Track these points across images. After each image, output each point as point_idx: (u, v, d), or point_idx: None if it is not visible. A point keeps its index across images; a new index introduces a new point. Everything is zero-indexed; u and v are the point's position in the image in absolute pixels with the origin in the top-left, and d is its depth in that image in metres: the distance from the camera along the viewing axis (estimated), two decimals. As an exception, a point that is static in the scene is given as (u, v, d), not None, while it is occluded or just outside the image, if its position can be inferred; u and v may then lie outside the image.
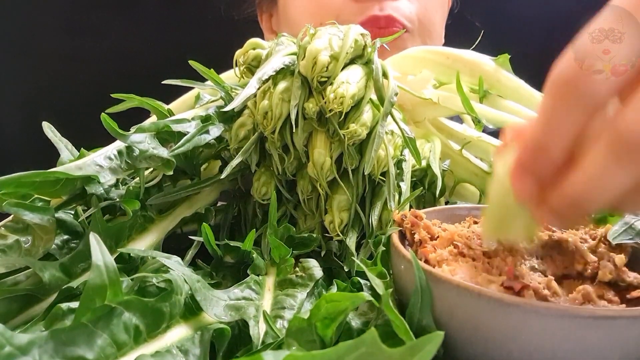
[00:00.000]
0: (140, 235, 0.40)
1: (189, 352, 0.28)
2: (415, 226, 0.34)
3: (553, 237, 0.33)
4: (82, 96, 0.95)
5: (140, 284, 0.31)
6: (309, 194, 0.43)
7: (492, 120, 0.47)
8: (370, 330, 0.20)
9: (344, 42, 0.41)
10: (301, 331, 0.27)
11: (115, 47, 1.11)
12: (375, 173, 0.42)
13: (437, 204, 0.47)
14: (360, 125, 0.40)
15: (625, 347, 0.25)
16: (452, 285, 0.27)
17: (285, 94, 0.40)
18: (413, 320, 0.28)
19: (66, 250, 0.38)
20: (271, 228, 0.39)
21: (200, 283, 0.31)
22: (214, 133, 0.41)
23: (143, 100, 0.43)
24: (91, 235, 0.26)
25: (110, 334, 0.25)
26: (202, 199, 0.45)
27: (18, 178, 0.33)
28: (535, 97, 0.52)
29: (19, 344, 0.22)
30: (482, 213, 0.33)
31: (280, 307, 0.33)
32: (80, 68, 1.11)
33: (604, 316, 0.25)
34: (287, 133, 0.41)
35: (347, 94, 0.39)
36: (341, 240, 0.42)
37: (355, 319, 0.30)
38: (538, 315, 0.25)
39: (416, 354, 0.19)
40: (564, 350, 0.25)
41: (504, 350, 0.26)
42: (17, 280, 0.34)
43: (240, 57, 0.47)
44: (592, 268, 0.31)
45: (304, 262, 0.38)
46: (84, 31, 1.12)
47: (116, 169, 0.38)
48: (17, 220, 0.36)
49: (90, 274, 0.25)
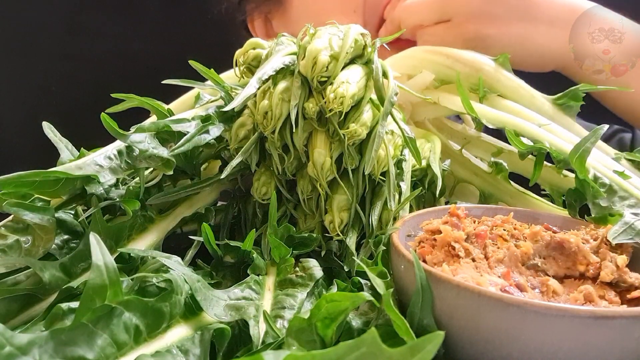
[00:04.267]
0: (140, 235, 0.40)
1: (189, 352, 0.28)
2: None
3: (555, 238, 0.33)
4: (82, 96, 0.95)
5: (140, 284, 0.31)
6: (309, 194, 0.43)
7: (492, 120, 0.47)
8: (371, 330, 0.20)
9: (344, 41, 0.41)
10: (301, 331, 0.27)
11: (115, 47, 1.11)
12: (375, 173, 0.42)
13: (437, 203, 0.47)
14: (360, 125, 0.40)
15: (625, 347, 0.25)
16: (452, 285, 0.27)
17: (285, 94, 0.40)
18: (414, 320, 0.28)
19: (66, 250, 0.38)
20: (271, 228, 0.39)
21: (201, 283, 0.30)
22: (214, 133, 0.41)
23: (143, 100, 0.43)
24: (91, 235, 0.26)
25: (111, 334, 0.25)
26: (202, 199, 0.45)
27: (18, 178, 0.33)
28: (535, 97, 0.52)
29: (19, 344, 0.22)
30: None
31: (280, 307, 0.33)
32: (80, 68, 1.11)
33: (604, 316, 0.25)
34: (287, 133, 0.41)
35: (347, 93, 0.39)
36: (341, 240, 0.42)
37: (356, 319, 0.30)
38: (538, 315, 0.25)
39: (417, 354, 0.19)
40: (564, 350, 0.25)
41: (504, 350, 0.26)
42: (17, 280, 0.34)
43: (240, 57, 0.47)
44: (594, 268, 0.31)
45: (304, 262, 0.38)
46: (84, 31, 1.12)
47: (116, 169, 0.38)
48: (17, 220, 0.36)
49: (90, 274, 0.25)
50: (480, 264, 0.32)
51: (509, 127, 0.46)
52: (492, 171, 0.50)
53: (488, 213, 0.38)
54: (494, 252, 0.32)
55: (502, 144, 0.51)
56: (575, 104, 0.51)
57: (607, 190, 0.40)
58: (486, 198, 0.49)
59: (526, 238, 0.34)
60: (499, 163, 0.49)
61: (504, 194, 0.49)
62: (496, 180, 0.49)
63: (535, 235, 0.34)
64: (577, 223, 0.38)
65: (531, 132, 0.45)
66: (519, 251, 0.32)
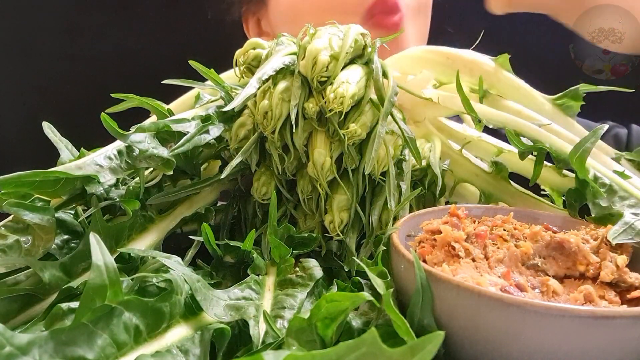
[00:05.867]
0: (140, 235, 0.40)
1: (189, 352, 0.28)
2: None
3: (555, 238, 0.33)
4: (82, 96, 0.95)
5: (140, 284, 0.31)
6: (309, 194, 0.43)
7: (492, 120, 0.47)
8: (371, 330, 0.20)
9: (344, 41, 0.41)
10: (301, 331, 0.27)
11: (115, 47, 1.11)
12: (375, 173, 0.42)
13: (437, 204, 0.47)
14: (360, 125, 0.40)
15: (625, 347, 0.25)
16: (452, 285, 0.27)
17: (285, 94, 0.40)
18: (414, 320, 0.28)
19: (66, 250, 0.38)
20: (271, 228, 0.39)
21: (201, 283, 0.30)
22: (214, 133, 0.41)
23: (143, 100, 0.43)
24: (91, 235, 0.26)
25: (111, 334, 0.25)
26: (202, 199, 0.45)
27: (18, 178, 0.33)
28: (535, 97, 0.52)
29: (19, 344, 0.22)
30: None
31: (280, 307, 0.33)
32: (80, 68, 1.11)
33: (604, 316, 0.25)
34: (287, 133, 0.41)
35: (347, 93, 0.39)
36: (341, 240, 0.42)
37: (356, 319, 0.30)
38: (538, 315, 0.25)
39: (417, 354, 0.19)
40: (564, 350, 0.25)
41: (504, 350, 0.26)
42: (17, 280, 0.34)
43: (240, 57, 0.47)
44: (594, 268, 0.31)
45: (304, 262, 0.38)
46: (84, 31, 1.12)
47: (116, 169, 0.38)
48: (17, 220, 0.36)
49: (90, 274, 0.25)
50: (480, 264, 0.32)
51: (509, 127, 0.46)
52: (492, 171, 0.49)
53: (488, 213, 0.38)
54: (494, 252, 0.32)
55: (502, 144, 0.51)
56: (575, 104, 0.51)
57: (607, 190, 0.40)
58: (486, 198, 0.49)
59: (526, 238, 0.34)
60: (499, 163, 0.49)
61: (504, 194, 0.49)
62: (496, 180, 0.49)
63: (535, 235, 0.34)
64: (577, 223, 0.38)
65: (531, 132, 0.45)
66: (519, 251, 0.32)
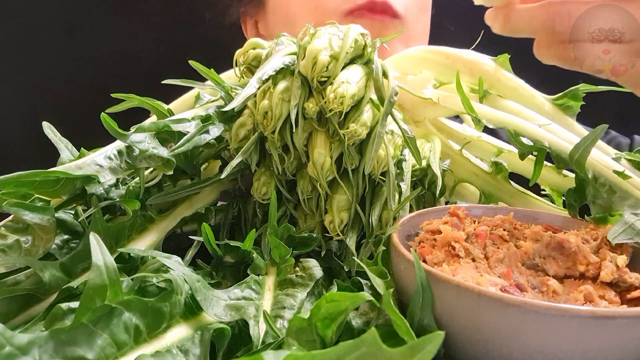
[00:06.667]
0: (140, 235, 0.40)
1: (189, 352, 0.28)
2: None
3: (555, 238, 0.33)
4: (82, 96, 0.95)
5: (140, 284, 0.31)
6: (309, 194, 0.43)
7: (492, 120, 0.47)
8: (371, 330, 0.20)
9: (344, 41, 0.41)
10: (301, 331, 0.27)
11: (115, 47, 1.11)
12: (375, 173, 0.42)
13: (437, 203, 0.47)
14: (360, 125, 0.40)
15: (625, 347, 0.25)
16: (452, 285, 0.27)
17: (285, 94, 0.40)
18: (414, 320, 0.28)
19: (66, 250, 0.38)
20: (271, 228, 0.39)
21: (200, 283, 0.30)
22: (214, 133, 0.41)
23: (143, 100, 0.43)
24: (91, 235, 0.26)
25: (111, 334, 0.25)
26: (202, 199, 0.45)
27: (18, 178, 0.33)
28: (535, 97, 0.52)
29: (19, 344, 0.22)
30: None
31: (280, 306, 0.33)
32: (80, 68, 1.11)
33: (604, 316, 0.25)
34: (287, 133, 0.41)
35: (347, 93, 0.39)
36: (341, 240, 0.42)
37: (356, 319, 0.30)
38: (538, 315, 0.25)
39: (417, 354, 0.19)
40: (564, 350, 0.25)
41: (504, 350, 0.26)
42: (17, 280, 0.34)
43: (240, 57, 0.47)
44: (594, 268, 0.31)
45: (304, 262, 0.38)
46: (84, 31, 1.12)
47: (116, 169, 0.38)
48: (17, 220, 0.36)
49: (90, 274, 0.25)
50: (480, 264, 0.32)
51: (509, 127, 0.46)
52: (492, 171, 0.50)
53: (488, 213, 0.38)
54: (494, 252, 0.32)
55: (502, 144, 0.51)
56: (575, 103, 0.51)
57: (607, 191, 0.40)
58: (486, 198, 0.49)
59: (526, 238, 0.34)
60: (499, 163, 0.49)
61: (504, 194, 0.49)
62: (496, 180, 0.49)
63: (535, 235, 0.34)
64: (577, 223, 0.38)
65: (531, 132, 0.45)
66: (519, 251, 0.32)
